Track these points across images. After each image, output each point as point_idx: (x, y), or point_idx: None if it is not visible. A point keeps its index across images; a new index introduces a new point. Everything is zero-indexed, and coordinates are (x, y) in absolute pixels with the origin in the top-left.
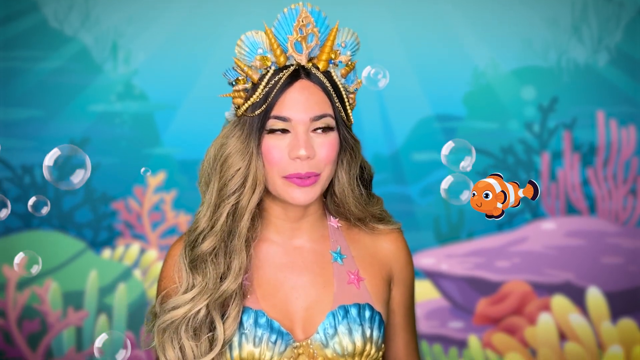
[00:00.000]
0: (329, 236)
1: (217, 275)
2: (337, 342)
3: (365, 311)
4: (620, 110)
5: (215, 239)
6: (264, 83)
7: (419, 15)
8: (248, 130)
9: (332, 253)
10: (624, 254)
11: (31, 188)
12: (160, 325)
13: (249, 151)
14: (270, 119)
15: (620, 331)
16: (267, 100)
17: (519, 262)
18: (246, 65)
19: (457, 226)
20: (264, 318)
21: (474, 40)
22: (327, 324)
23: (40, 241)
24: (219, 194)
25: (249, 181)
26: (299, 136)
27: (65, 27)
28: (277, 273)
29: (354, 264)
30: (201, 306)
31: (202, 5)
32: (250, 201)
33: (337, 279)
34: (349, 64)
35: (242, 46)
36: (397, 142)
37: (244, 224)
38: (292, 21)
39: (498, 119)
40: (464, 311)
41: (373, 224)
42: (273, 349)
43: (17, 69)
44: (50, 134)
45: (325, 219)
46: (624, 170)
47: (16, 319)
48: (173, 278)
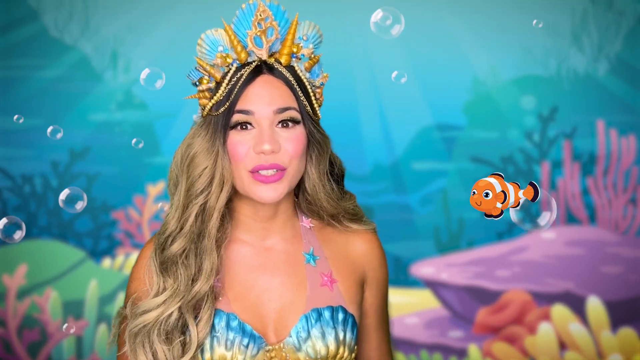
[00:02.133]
0: (301, 237)
1: (188, 278)
2: (310, 346)
3: (338, 314)
4: (620, 120)
5: (185, 240)
6: (227, 80)
7: (419, 24)
8: (213, 128)
9: (305, 254)
10: (624, 263)
11: (31, 197)
12: (131, 330)
13: (215, 149)
14: (234, 115)
15: (620, 340)
16: (230, 97)
17: (519, 271)
18: (208, 64)
19: (457, 235)
20: (235, 321)
21: (474, 49)
22: (300, 327)
23: (40, 250)
24: (186, 195)
25: (216, 180)
26: (263, 130)
27: (65, 36)
28: (248, 274)
29: (327, 266)
30: (173, 309)
31: (202, 14)
32: (218, 200)
33: (310, 281)
34: (312, 57)
35: (202, 45)
36: (397, 151)
37: (213, 223)
38: (251, 16)
39: (498, 128)
40: (464, 320)
41: (347, 223)
42: (245, 353)
43: (17, 78)
44: (50, 143)
45: (297, 219)
46: (624, 179)
47: (16, 328)
48: (143, 280)
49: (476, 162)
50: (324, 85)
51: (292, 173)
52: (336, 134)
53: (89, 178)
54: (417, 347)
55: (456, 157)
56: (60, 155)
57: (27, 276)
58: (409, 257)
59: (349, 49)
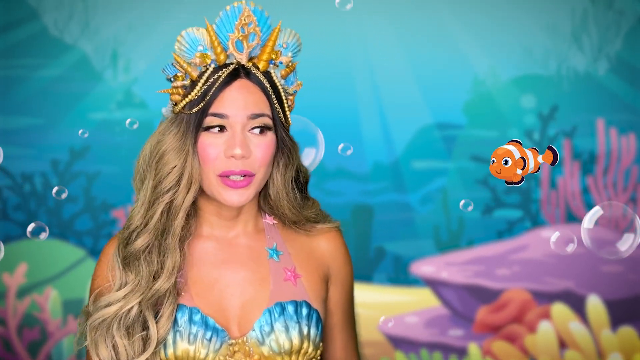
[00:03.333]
0: (265, 233)
1: (150, 274)
2: (274, 340)
3: (302, 308)
4: (620, 119)
5: (149, 236)
6: (203, 80)
7: (419, 24)
8: (185, 127)
9: (268, 250)
10: (624, 262)
11: (31, 196)
12: (92, 323)
13: (185, 149)
14: (208, 117)
15: (620, 339)
16: (205, 98)
17: (519, 270)
18: (185, 61)
19: (457, 234)
20: (198, 315)
21: (474, 49)
22: (263, 321)
23: (40, 249)
24: (153, 191)
25: (184, 179)
26: (236, 135)
27: (65, 36)
28: (212, 270)
29: (290, 261)
30: (133, 304)
31: (202, 13)
32: (185, 200)
33: (274, 276)
34: (290, 65)
35: (182, 42)
36: (397, 150)
37: (178, 222)
38: (234, 19)
39: (498, 127)
40: (464, 319)
41: (309, 226)
42: (208, 347)
43: (17, 77)
44: (50, 142)
45: (260, 216)
46: (624, 178)
47: (16, 327)
48: (107, 277)
49: (476, 161)
50: (296, 93)
51: (259, 179)
52: (336, 133)
53: (89, 177)
54: (417, 346)
55: (456, 156)
56: (60, 154)
57: (27, 275)
58: (409, 255)
59: (348, 49)
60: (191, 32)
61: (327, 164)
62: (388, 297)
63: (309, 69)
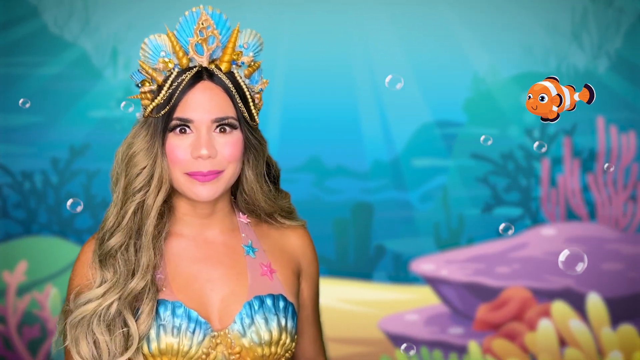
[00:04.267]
0: (240, 231)
1: (128, 271)
2: (255, 332)
3: (279, 302)
4: (620, 116)
5: (123, 235)
6: (168, 85)
7: (419, 21)
8: (153, 130)
9: (244, 247)
10: (624, 260)
11: (31, 194)
12: (72, 321)
13: (154, 151)
14: (173, 120)
15: (620, 337)
16: (170, 102)
17: (519, 268)
18: (150, 67)
19: (456, 232)
20: (181, 308)
21: (474, 47)
22: (244, 313)
23: (40, 247)
24: (124, 192)
25: (155, 180)
26: (201, 136)
27: (66, 33)
28: (191, 266)
29: (265, 257)
30: (111, 300)
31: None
32: (156, 200)
33: (251, 271)
34: (252, 65)
35: (145, 49)
36: (397, 148)
37: (151, 221)
38: (193, 24)
39: (498, 125)
40: (464, 317)
41: (281, 220)
42: (192, 339)
43: (17, 75)
44: (51, 139)
45: (235, 215)
46: (624, 176)
47: (16, 324)
48: (86, 275)
49: (476, 159)
50: (262, 91)
51: (228, 175)
52: (336, 131)
53: (89, 175)
54: (417, 344)
55: (456, 153)
56: (60, 152)
57: (27, 273)
58: (408, 253)
59: (349, 48)
60: (153, 39)
61: (326, 161)
62: (388, 295)
63: (311, 67)
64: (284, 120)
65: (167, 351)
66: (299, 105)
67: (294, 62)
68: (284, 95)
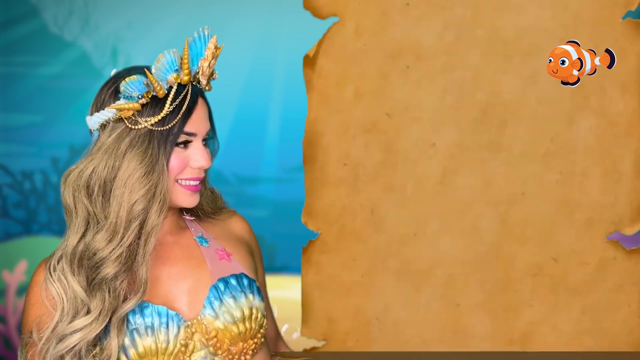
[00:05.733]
0: (188, 227)
1: (116, 298)
2: (226, 312)
3: (243, 280)
4: None
5: (118, 264)
6: (171, 98)
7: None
8: (156, 144)
9: (196, 238)
10: None
11: (31, 194)
12: (56, 354)
13: (159, 168)
14: (183, 135)
15: None
16: (179, 116)
17: None
18: (157, 80)
19: None
20: (149, 307)
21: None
22: (212, 297)
23: (40, 247)
24: (127, 217)
25: (157, 196)
26: (201, 149)
27: (65, 32)
28: (151, 270)
29: (218, 244)
30: (99, 330)
31: (202, 10)
32: (158, 218)
33: (209, 259)
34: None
35: (162, 62)
36: None
37: (150, 246)
38: (204, 44)
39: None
40: None
41: (216, 216)
42: (167, 334)
43: (16, 74)
44: (50, 139)
45: (180, 217)
46: None
47: (16, 324)
48: (44, 304)
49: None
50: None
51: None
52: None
53: None
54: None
55: None
56: (61, 152)
57: (27, 273)
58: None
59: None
60: (168, 54)
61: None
62: None
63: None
64: (283, 119)
65: (147, 353)
66: (299, 104)
67: (294, 61)
68: (284, 94)
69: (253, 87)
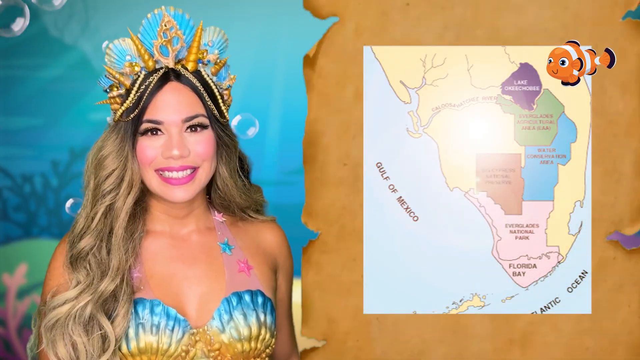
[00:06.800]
0: (216, 229)
1: (101, 273)
2: (234, 327)
3: (257, 297)
4: None
5: (93, 237)
6: (136, 88)
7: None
8: (123, 133)
9: (220, 244)
10: None
11: (31, 197)
12: (46, 324)
13: (124, 154)
14: (144, 123)
15: None
16: (139, 105)
17: None
18: (117, 72)
19: None
20: (160, 306)
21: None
22: (223, 310)
23: (40, 250)
24: (93, 194)
25: (125, 182)
26: (172, 137)
27: (65, 36)
28: (168, 265)
29: (242, 254)
30: (85, 302)
31: (201, 13)
32: (125, 202)
33: (228, 268)
34: (218, 62)
35: (110, 54)
36: None
37: (120, 224)
38: (156, 26)
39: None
40: None
41: (253, 215)
42: (171, 337)
43: (16, 77)
44: (50, 142)
45: (210, 214)
46: None
47: (16, 327)
48: (62, 275)
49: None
50: (231, 87)
51: (202, 175)
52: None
53: None
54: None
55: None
56: (61, 155)
57: (27, 276)
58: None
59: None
60: (117, 43)
61: None
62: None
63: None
64: (284, 120)
65: (147, 350)
66: (300, 106)
67: (294, 61)
68: (284, 95)
69: (253, 87)
